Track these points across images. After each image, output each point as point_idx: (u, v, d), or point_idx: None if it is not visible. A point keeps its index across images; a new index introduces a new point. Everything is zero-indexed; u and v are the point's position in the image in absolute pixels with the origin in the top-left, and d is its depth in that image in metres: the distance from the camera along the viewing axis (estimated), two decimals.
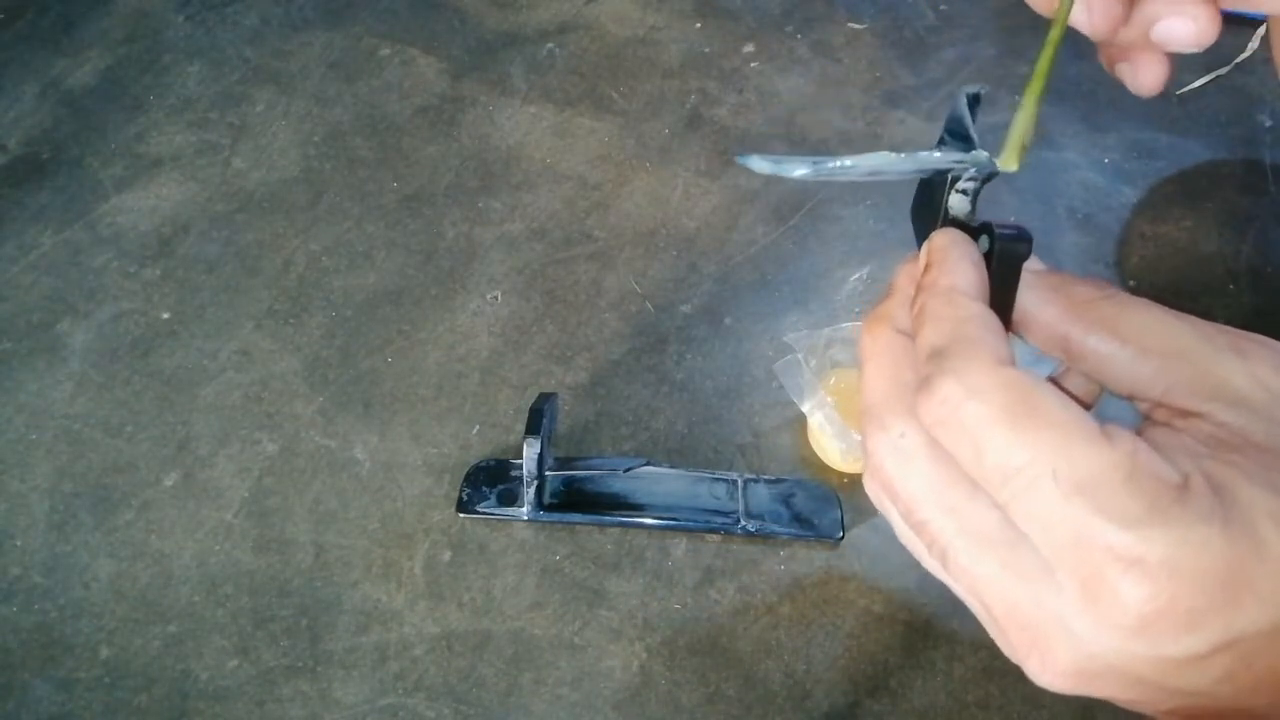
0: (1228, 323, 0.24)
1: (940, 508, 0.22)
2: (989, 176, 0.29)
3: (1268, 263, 0.78)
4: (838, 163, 0.28)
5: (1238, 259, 0.79)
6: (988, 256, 0.26)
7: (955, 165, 0.28)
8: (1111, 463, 0.20)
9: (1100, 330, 0.24)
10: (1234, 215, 0.82)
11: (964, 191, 0.28)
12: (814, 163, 0.27)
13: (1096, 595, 0.19)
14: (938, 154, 0.28)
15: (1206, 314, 0.24)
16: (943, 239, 0.26)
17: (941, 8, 1.01)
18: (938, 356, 0.22)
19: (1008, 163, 0.28)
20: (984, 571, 0.22)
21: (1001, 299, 0.26)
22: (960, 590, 0.23)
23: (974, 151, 0.29)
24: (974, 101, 0.30)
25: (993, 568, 0.22)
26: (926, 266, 0.26)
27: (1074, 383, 0.28)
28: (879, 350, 0.25)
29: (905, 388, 0.24)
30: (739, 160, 0.28)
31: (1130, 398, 0.24)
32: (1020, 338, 0.27)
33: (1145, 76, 0.29)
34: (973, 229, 0.28)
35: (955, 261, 0.25)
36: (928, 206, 0.29)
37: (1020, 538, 0.21)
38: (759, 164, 0.28)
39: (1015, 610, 0.22)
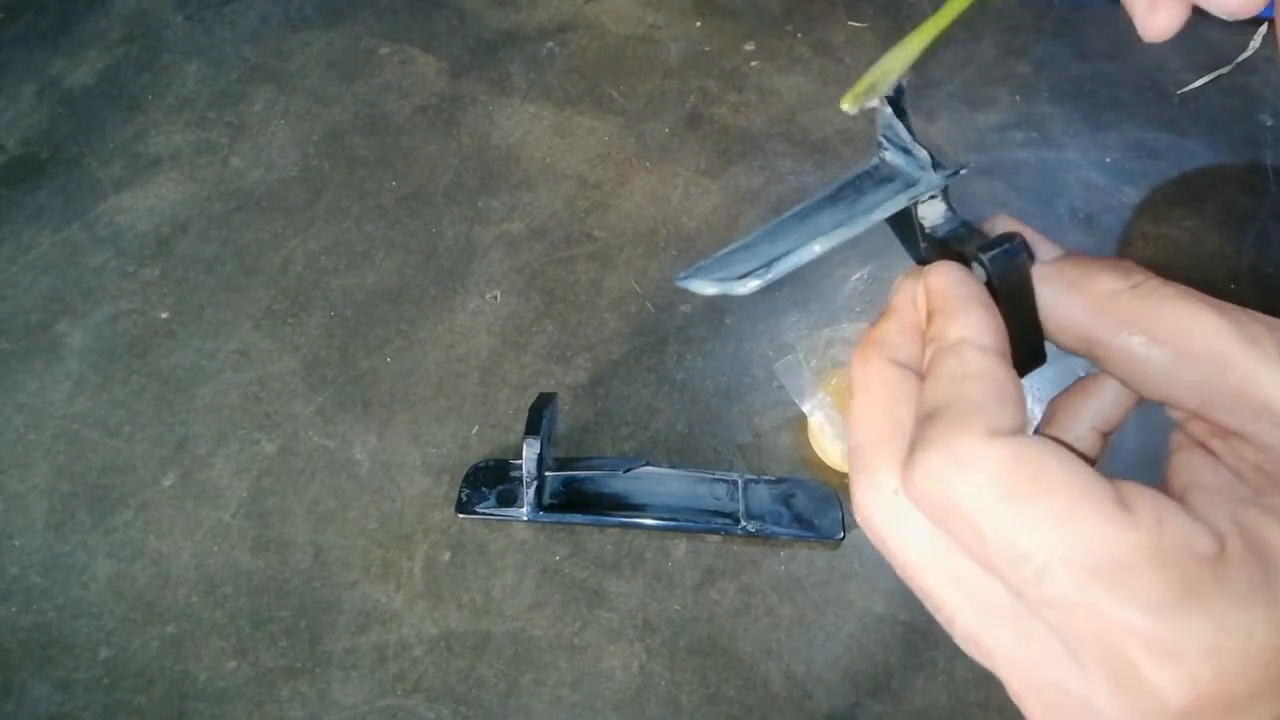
0: None
1: (943, 576, 0.20)
2: (953, 174, 0.27)
3: (1269, 262, 0.78)
4: (788, 261, 0.25)
5: (1239, 258, 0.79)
6: (987, 282, 0.24)
7: (908, 201, 0.26)
8: (1133, 542, 0.17)
9: (1130, 329, 0.21)
10: (1235, 215, 0.82)
11: (933, 196, 0.26)
12: (761, 272, 0.25)
13: (1129, 688, 0.17)
14: (889, 202, 0.26)
15: None
16: (940, 280, 0.23)
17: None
18: (928, 419, 0.20)
19: (844, 102, 0.26)
20: (998, 647, 0.19)
21: (1021, 315, 0.23)
22: (969, 654, 0.21)
23: (922, 174, 0.26)
24: (896, 102, 0.27)
25: (1008, 643, 0.19)
26: (932, 314, 0.23)
27: (1106, 391, 0.25)
28: (871, 383, 0.22)
29: (902, 431, 0.21)
30: (678, 283, 0.25)
31: (1165, 404, 0.22)
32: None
33: (1161, 18, 0.24)
34: (959, 243, 0.25)
35: (961, 306, 0.22)
36: (901, 215, 0.27)
37: (1036, 616, 0.19)
38: (703, 287, 0.25)
39: (1035, 689, 0.19)
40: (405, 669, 0.60)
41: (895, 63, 0.26)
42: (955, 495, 0.18)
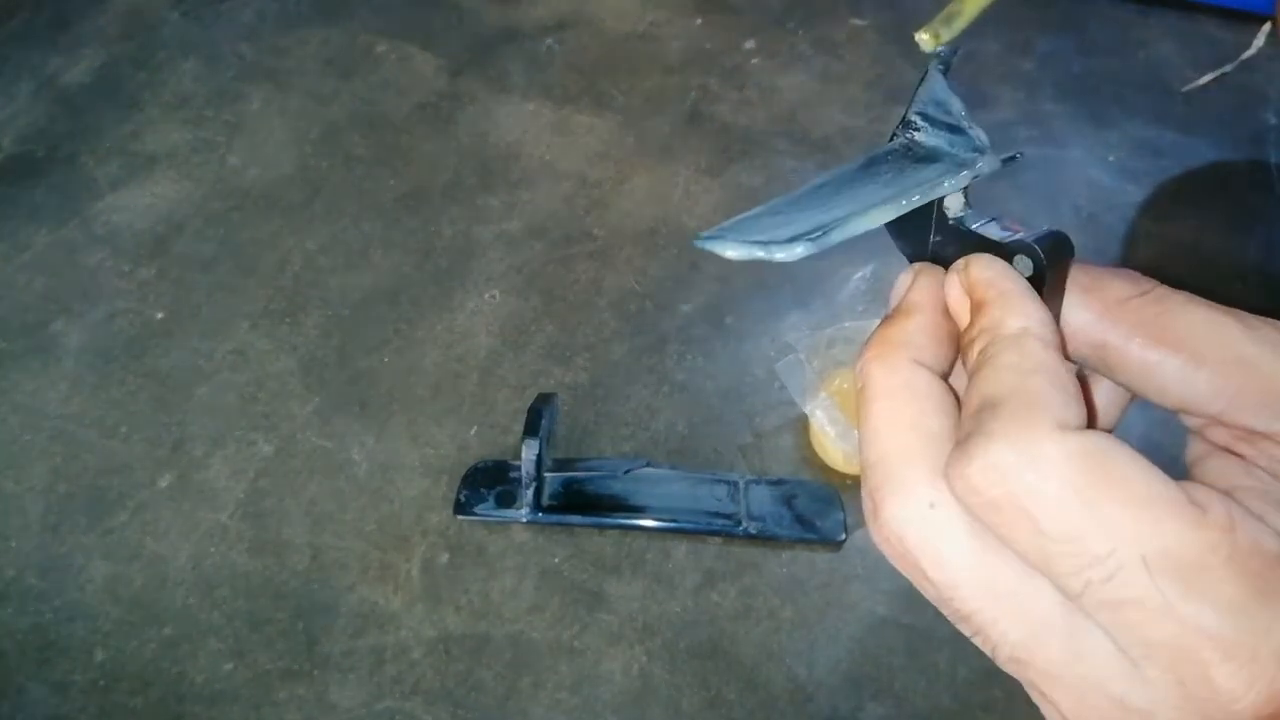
0: None
1: (986, 593, 0.19)
2: (1010, 159, 0.24)
3: (1274, 261, 0.78)
4: (847, 227, 0.22)
5: (1244, 257, 0.78)
6: (1032, 275, 0.22)
7: (969, 181, 0.23)
8: (1210, 542, 0.17)
9: (1144, 335, 0.20)
10: (1240, 214, 0.82)
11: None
12: (813, 236, 0.22)
13: (1197, 693, 0.17)
14: (947, 180, 0.23)
15: None
16: (988, 271, 0.22)
17: (942, 2, 1.00)
18: (988, 410, 0.18)
19: (922, 33, 0.25)
20: (1050, 666, 0.19)
21: (1053, 311, 0.22)
22: (1016, 676, 0.20)
23: (973, 155, 0.24)
24: (946, 70, 0.24)
25: (1060, 660, 0.18)
26: (981, 305, 0.21)
27: (1100, 390, 0.24)
28: (897, 389, 0.20)
29: (934, 440, 0.19)
30: (700, 244, 0.22)
31: (1180, 411, 0.21)
32: None
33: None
34: (985, 235, 0.23)
35: (1018, 298, 0.21)
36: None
37: (1088, 624, 0.18)
38: (731, 249, 0.22)
39: (1091, 707, 0.18)
40: (403, 671, 0.59)
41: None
42: (1020, 492, 0.17)
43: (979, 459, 0.18)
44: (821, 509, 0.64)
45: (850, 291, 0.76)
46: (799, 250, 0.21)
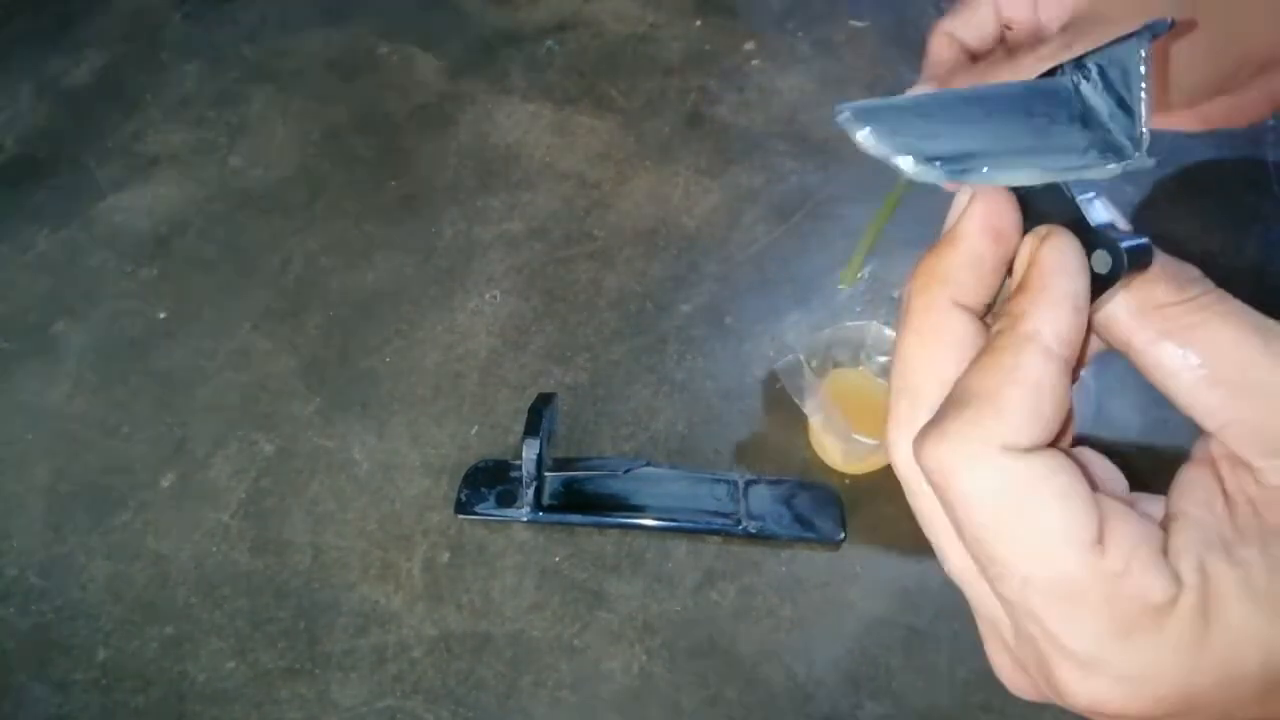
0: None
1: (942, 529, 0.21)
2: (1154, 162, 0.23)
3: (1271, 261, 0.78)
4: (985, 174, 0.21)
5: (1241, 258, 0.78)
6: (1106, 274, 0.21)
7: (1118, 174, 0.22)
8: (1092, 581, 0.19)
9: (1170, 342, 0.21)
10: (1237, 214, 0.82)
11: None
12: (950, 167, 0.20)
13: (1053, 687, 0.20)
14: (1095, 167, 0.22)
15: None
16: (1054, 255, 0.21)
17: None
18: (958, 404, 0.20)
19: (843, 283, 0.25)
20: (976, 599, 0.22)
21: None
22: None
23: (1138, 154, 0.22)
24: (1146, 49, 0.22)
25: (982, 597, 0.21)
26: (1025, 285, 0.21)
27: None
28: (928, 328, 0.21)
29: (945, 388, 0.21)
30: (840, 119, 0.21)
31: (1189, 417, 0.22)
32: None
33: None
34: (1078, 210, 0.22)
35: (1052, 302, 0.20)
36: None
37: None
38: (876, 142, 0.20)
39: (992, 631, 0.22)
40: (404, 670, 0.59)
41: (870, 239, 0.25)
42: (950, 489, 0.20)
43: (929, 448, 0.20)
44: (821, 508, 0.64)
45: (849, 292, 0.77)
46: (930, 176, 0.21)
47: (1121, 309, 0.21)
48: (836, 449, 0.66)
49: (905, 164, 0.21)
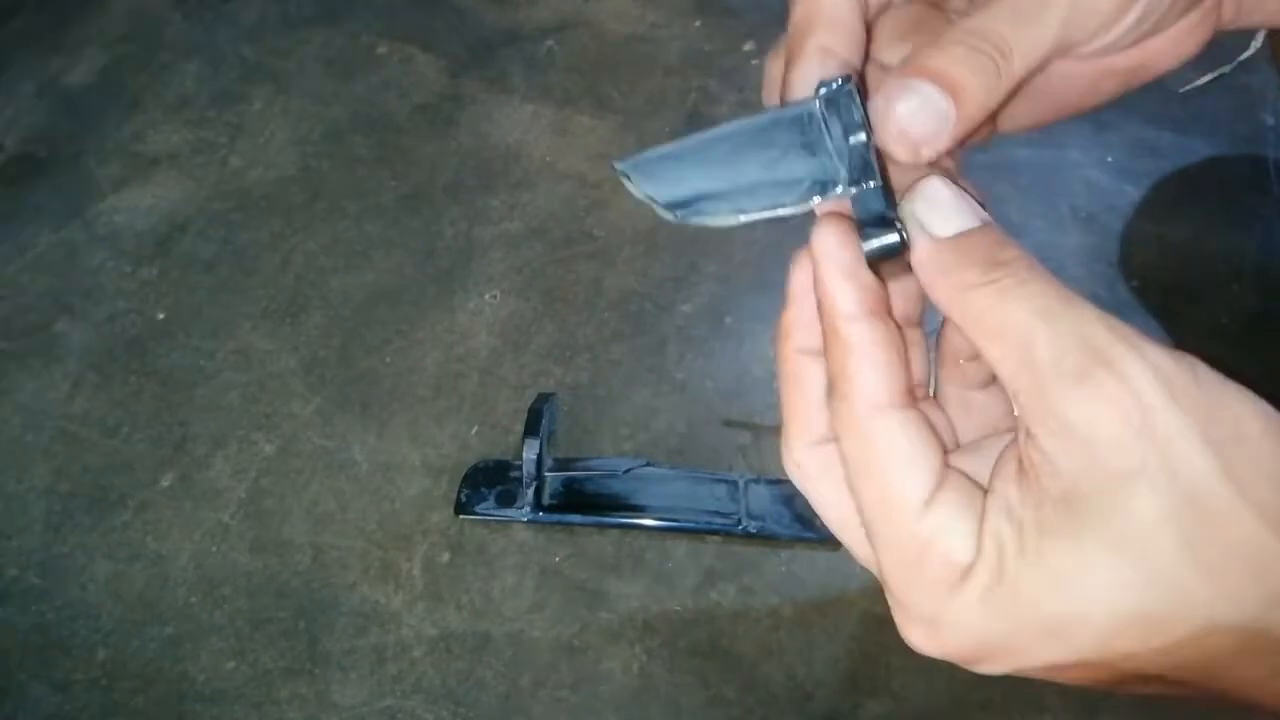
0: (1231, 322, 0.21)
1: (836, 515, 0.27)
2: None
3: (1272, 261, 0.78)
4: (705, 217, 0.24)
5: (1241, 258, 0.78)
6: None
7: (814, 207, 0.24)
8: (908, 540, 0.22)
9: (968, 324, 0.23)
10: (1238, 214, 0.82)
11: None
12: (683, 211, 0.24)
13: (904, 637, 0.24)
14: (799, 205, 0.25)
15: (1210, 313, 0.22)
16: (820, 243, 0.25)
17: None
18: (829, 388, 0.24)
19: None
20: (863, 556, 0.26)
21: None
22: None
23: (841, 185, 0.25)
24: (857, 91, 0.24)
25: (860, 547, 0.26)
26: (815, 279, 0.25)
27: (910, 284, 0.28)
28: (782, 372, 0.26)
29: (811, 408, 0.25)
30: (618, 165, 0.24)
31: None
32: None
33: (900, 107, 0.25)
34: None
35: (826, 272, 0.24)
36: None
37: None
38: (640, 189, 0.24)
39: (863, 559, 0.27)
40: (404, 670, 0.59)
41: None
42: (799, 484, 0.27)
43: (784, 456, 0.26)
44: None
45: None
46: (670, 219, 0.24)
47: (940, 291, 0.23)
48: None
49: (659, 210, 0.24)
